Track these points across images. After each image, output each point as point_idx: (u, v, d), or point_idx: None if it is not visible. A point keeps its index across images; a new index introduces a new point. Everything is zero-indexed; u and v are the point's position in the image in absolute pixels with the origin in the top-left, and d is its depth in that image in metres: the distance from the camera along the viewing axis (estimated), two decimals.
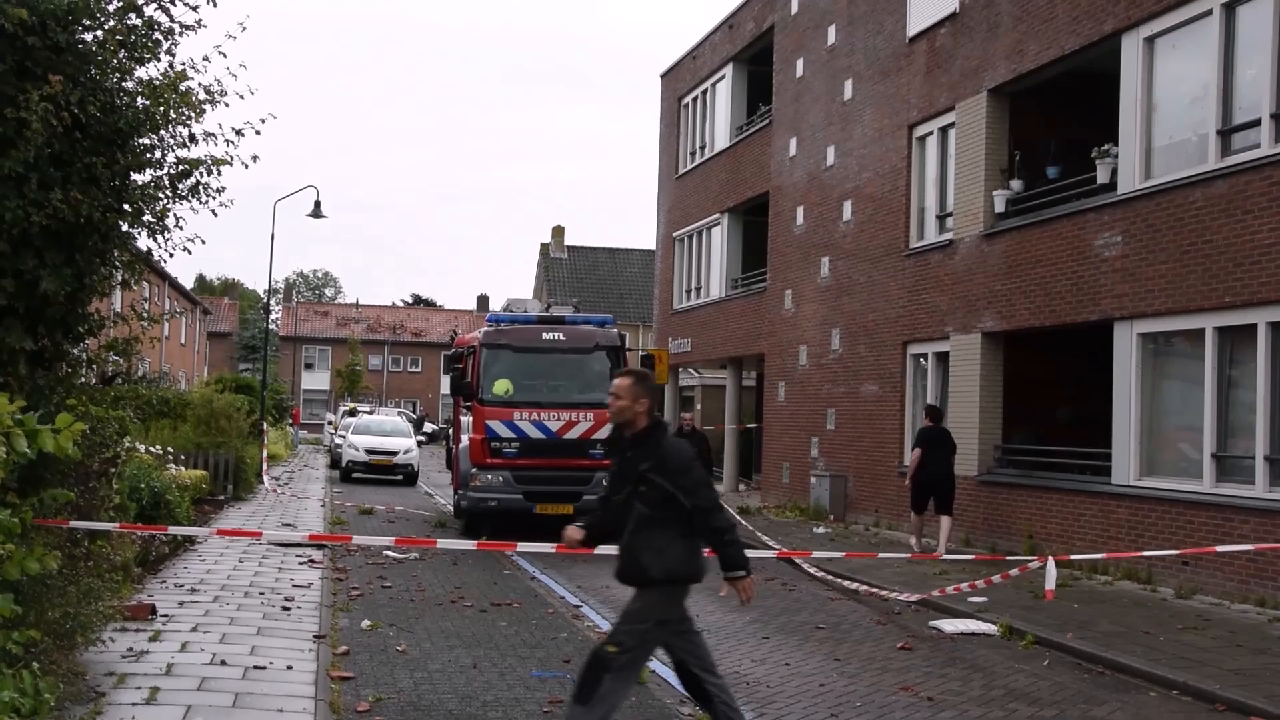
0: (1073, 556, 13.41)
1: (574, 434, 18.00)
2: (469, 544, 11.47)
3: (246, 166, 8.73)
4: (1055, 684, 9.25)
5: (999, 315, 17.72)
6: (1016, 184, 17.99)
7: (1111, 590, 13.68)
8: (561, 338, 18.63)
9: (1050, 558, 10.62)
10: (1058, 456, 16.89)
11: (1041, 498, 16.60)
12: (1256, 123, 13.22)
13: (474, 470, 18.08)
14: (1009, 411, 18.25)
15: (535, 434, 17.96)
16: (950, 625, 11.53)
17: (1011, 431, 18.24)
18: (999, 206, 17.99)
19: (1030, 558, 12.26)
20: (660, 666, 9.34)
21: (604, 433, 17.20)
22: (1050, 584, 10.40)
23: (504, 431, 17.94)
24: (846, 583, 14.00)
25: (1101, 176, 15.94)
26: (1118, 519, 14.84)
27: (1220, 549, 12.49)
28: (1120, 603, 12.72)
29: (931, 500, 16.78)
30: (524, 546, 10.57)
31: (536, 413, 18.04)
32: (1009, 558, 13.09)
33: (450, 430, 34.04)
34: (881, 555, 14.70)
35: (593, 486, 17.38)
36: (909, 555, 15.74)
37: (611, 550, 6.44)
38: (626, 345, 18.67)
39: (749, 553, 6.33)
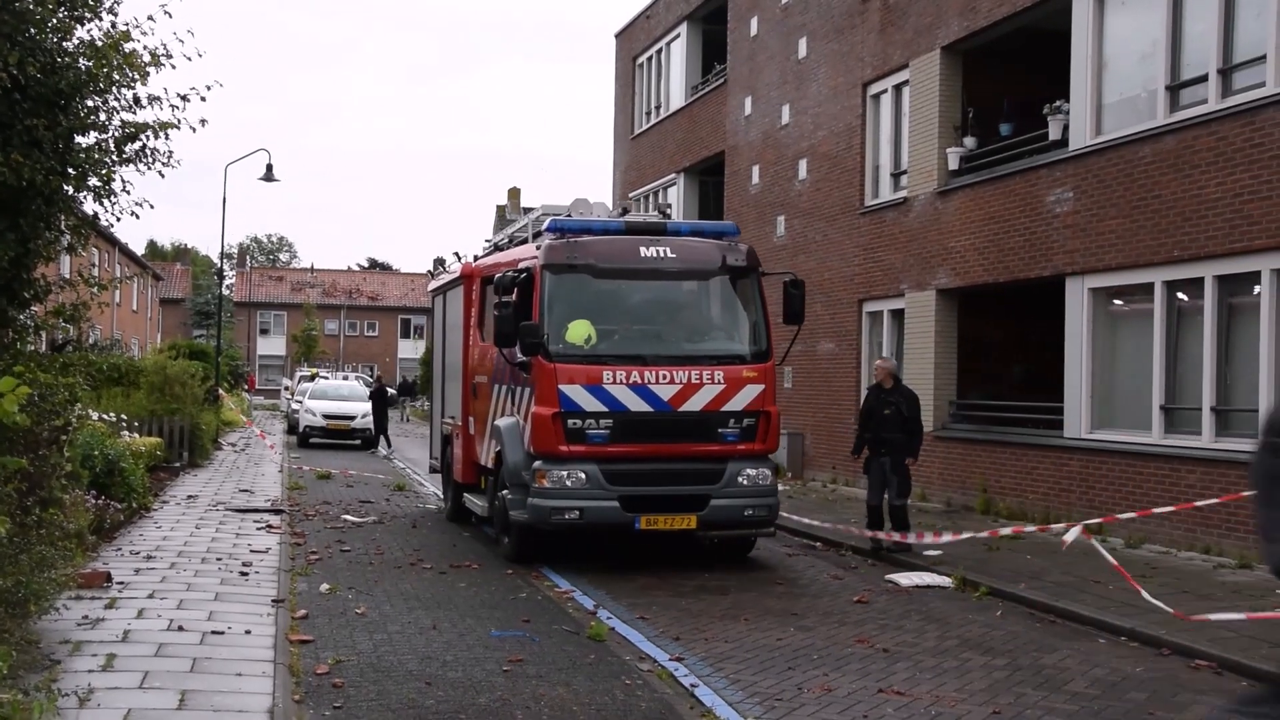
0: (1096, 526, 13.53)
1: (696, 404, 11.95)
2: None
3: (194, 130, 8.64)
4: (1008, 633, 9.42)
5: (953, 272, 17.84)
6: (970, 141, 18.05)
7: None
8: (670, 254, 12.46)
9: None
10: (1012, 411, 17.10)
11: (996, 452, 16.81)
12: (1204, 78, 13.34)
13: (540, 464, 11.83)
14: (964, 369, 18.43)
15: (638, 405, 11.85)
16: (906, 579, 11.69)
17: (967, 388, 18.44)
18: (953, 164, 18.07)
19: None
20: (620, 625, 9.43)
21: (741, 401, 12.11)
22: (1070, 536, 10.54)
23: (589, 402, 11.77)
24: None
25: (1053, 133, 16.04)
26: (1070, 471, 15.07)
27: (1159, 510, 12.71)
28: (1071, 553, 12.88)
29: None
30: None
31: (638, 371, 11.85)
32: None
33: (397, 397, 32.65)
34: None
35: (724, 485, 12.00)
36: None
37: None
38: (761, 268, 13.24)
39: None
